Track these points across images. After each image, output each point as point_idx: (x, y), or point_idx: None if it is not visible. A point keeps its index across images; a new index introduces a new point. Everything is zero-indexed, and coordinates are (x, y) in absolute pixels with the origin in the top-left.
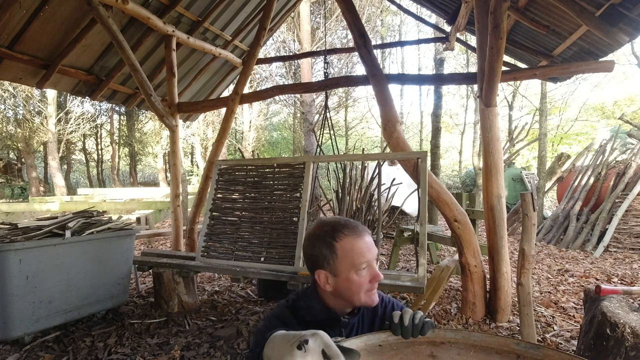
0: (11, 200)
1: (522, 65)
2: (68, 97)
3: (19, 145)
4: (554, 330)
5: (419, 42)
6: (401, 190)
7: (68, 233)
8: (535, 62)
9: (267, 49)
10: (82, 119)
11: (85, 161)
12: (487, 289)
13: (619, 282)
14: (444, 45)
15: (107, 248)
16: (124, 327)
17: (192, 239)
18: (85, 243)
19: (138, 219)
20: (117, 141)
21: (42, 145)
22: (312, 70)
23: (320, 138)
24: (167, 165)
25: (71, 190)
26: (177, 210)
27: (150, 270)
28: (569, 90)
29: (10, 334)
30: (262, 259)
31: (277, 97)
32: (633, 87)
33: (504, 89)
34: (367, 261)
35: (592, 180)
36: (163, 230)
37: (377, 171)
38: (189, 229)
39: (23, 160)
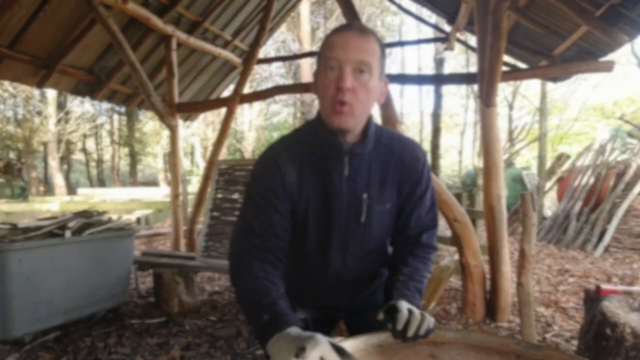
0: (11, 200)
1: (522, 65)
2: (68, 97)
3: (19, 145)
4: (554, 330)
5: (419, 42)
6: None
7: (68, 233)
8: (535, 62)
9: (267, 49)
10: (82, 119)
11: (85, 161)
12: (487, 289)
13: (619, 282)
14: (444, 45)
15: (107, 248)
16: (124, 327)
17: (192, 239)
18: (85, 243)
19: (138, 219)
20: (117, 141)
21: (42, 145)
22: (312, 70)
23: None
24: (167, 165)
25: (71, 190)
26: (177, 210)
27: (150, 270)
28: (569, 90)
29: (10, 334)
30: None
31: (277, 97)
32: (633, 87)
33: (504, 89)
34: (337, 60)
35: (592, 180)
36: (163, 230)
37: None
38: (189, 229)
39: (23, 160)
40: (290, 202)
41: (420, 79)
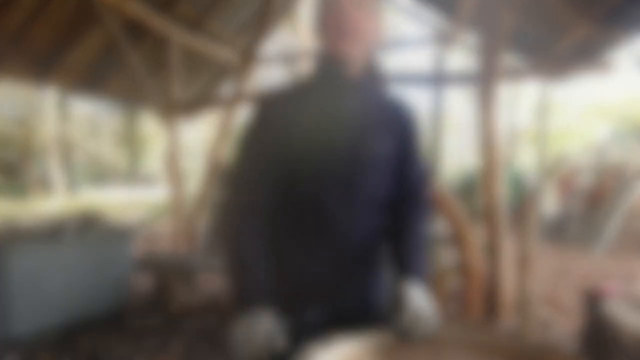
0: (11, 200)
1: (523, 65)
2: (68, 97)
3: (19, 145)
4: (554, 330)
5: (418, 41)
6: None
7: (68, 234)
8: (536, 62)
9: (267, 49)
10: (83, 118)
11: (85, 161)
12: (488, 289)
13: (619, 282)
14: (444, 45)
15: (107, 248)
16: (124, 327)
17: (193, 239)
18: (85, 243)
19: (138, 219)
20: (119, 141)
21: (42, 145)
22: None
23: None
24: (167, 166)
25: (71, 190)
26: (177, 211)
27: (151, 271)
28: (569, 90)
29: (10, 334)
30: None
31: None
32: (633, 87)
33: (504, 89)
34: None
35: (592, 180)
36: (163, 230)
37: None
38: (190, 229)
39: (23, 160)
40: (279, 141)
41: (419, 79)
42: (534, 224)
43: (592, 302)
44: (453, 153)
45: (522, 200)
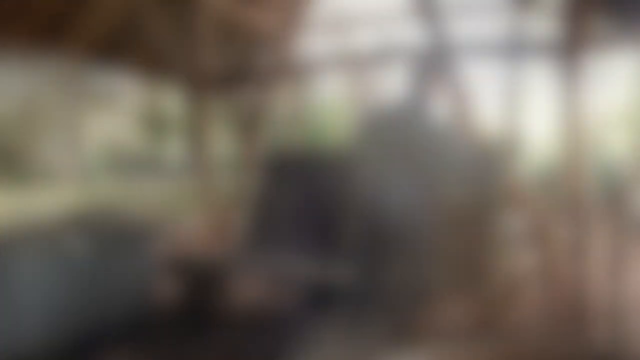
0: (11, 194)
1: (617, 31)
2: (80, 70)
3: (21, 127)
4: None
5: (490, 3)
6: None
7: (79, 232)
8: (633, 26)
9: (314, 12)
10: (96, 95)
11: (99, 145)
12: (573, 296)
13: None
14: (522, 8)
15: (124, 248)
16: (143, 338)
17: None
18: (98, 243)
19: (162, 214)
20: (140, 122)
21: (48, 127)
22: None
23: None
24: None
25: (83, 180)
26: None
27: (178, 274)
28: None
29: (17, 344)
30: None
31: None
32: None
33: (594, 60)
34: None
35: None
36: (192, 226)
37: None
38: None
39: (25, 145)
40: None
41: (491, 49)
42: (630, 219)
43: None
44: (533, 137)
45: (615, 192)
